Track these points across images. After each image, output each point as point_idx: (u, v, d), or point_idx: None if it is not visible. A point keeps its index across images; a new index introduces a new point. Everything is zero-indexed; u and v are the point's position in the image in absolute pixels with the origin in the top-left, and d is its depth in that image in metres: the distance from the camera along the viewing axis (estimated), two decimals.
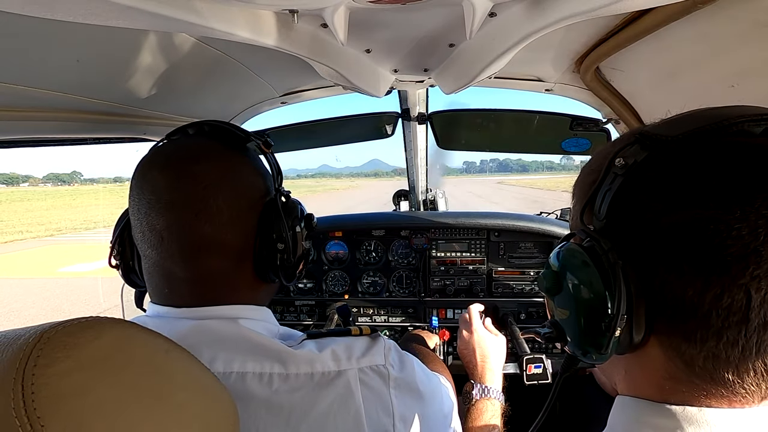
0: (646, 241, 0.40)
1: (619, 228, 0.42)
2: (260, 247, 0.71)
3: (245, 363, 0.64)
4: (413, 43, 1.03)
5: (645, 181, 0.41)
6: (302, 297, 1.98)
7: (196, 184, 0.66)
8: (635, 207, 0.41)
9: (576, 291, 0.45)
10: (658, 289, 0.39)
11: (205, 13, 0.63)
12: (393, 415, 0.68)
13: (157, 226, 0.66)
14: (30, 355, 0.36)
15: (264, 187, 0.74)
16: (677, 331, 0.39)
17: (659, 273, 0.39)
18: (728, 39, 0.76)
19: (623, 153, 0.43)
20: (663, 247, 0.39)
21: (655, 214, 0.39)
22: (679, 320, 0.39)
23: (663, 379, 0.42)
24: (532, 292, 1.87)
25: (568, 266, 0.46)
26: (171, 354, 0.47)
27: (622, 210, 0.42)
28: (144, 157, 0.71)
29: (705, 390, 0.40)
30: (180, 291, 0.69)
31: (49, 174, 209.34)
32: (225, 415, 0.49)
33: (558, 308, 0.49)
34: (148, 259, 0.70)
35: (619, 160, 0.43)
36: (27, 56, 0.75)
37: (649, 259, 0.40)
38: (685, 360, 0.40)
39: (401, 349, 0.76)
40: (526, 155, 25.47)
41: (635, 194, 0.41)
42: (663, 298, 0.39)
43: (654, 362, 0.42)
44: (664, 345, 0.41)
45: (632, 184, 0.42)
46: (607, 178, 0.43)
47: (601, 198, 0.43)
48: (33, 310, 7.52)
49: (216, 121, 0.76)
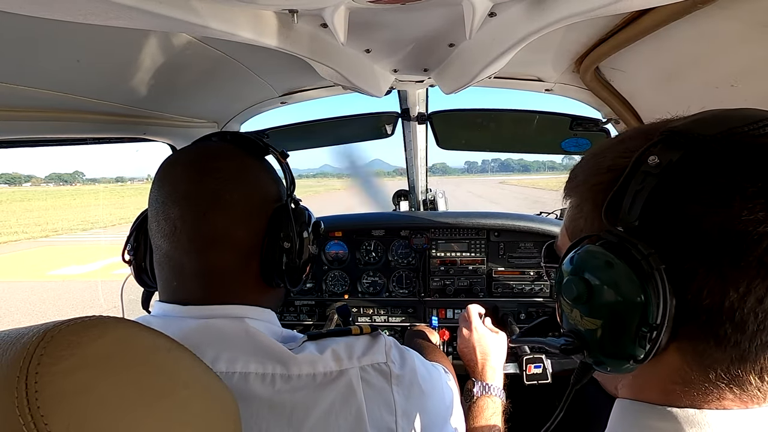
0: (686, 244, 0.38)
1: (653, 230, 0.40)
2: (268, 247, 0.72)
3: (248, 363, 0.64)
4: (413, 43, 1.03)
5: (683, 180, 0.39)
6: (302, 297, 1.98)
7: (212, 179, 0.69)
8: (673, 208, 0.39)
9: (611, 300, 0.41)
10: (695, 293, 0.38)
11: (205, 13, 0.63)
12: (395, 412, 0.68)
13: (172, 215, 0.68)
14: (34, 353, 0.36)
15: (277, 192, 0.77)
16: (707, 336, 0.38)
17: (698, 277, 0.37)
18: (728, 39, 0.76)
19: (657, 151, 0.40)
20: (705, 249, 0.37)
21: (696, 215, 0.38)
22: (713, 325, 0.37)
23: (672, 384, 0.42)
24: (532, 292, 1.87)
25: (600, 272, 0.42)
26: (173, 353, 0.47)
27: (657, 211, 0.40)
28: (168, 156, 0.75)
29: (718, 393, 0.40)
30: (188, 285, 0.70)
31: (51, 174, 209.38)
32: (227, 414, 0.50)
33: (586, 318, 0.44)
34: (160, 250, 0.71)
35: (653, 158, 0.40)
36: (27, 57, 0.75)
37: (689, 262, 0.38)
38: (706, 364, 0.39)
39: (402, 344, 0.77)
40: (527, 155, 25.48)
41: (673, 194, 0.39)
42: (699, 302, 0.38)
43: (667, 367, 0.41)
44: (684, 350, 0.40)
45: (669, 183, 0.39)
46: (636, 178, 0.41)
47: (631, 198, 0.40)
48: (16, 315, 7.36)
49: (239, 132, 0.79)
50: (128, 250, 0.82)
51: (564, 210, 1.80)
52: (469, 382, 1.18)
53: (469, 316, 1.34)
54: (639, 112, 1.23)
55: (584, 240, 0.45)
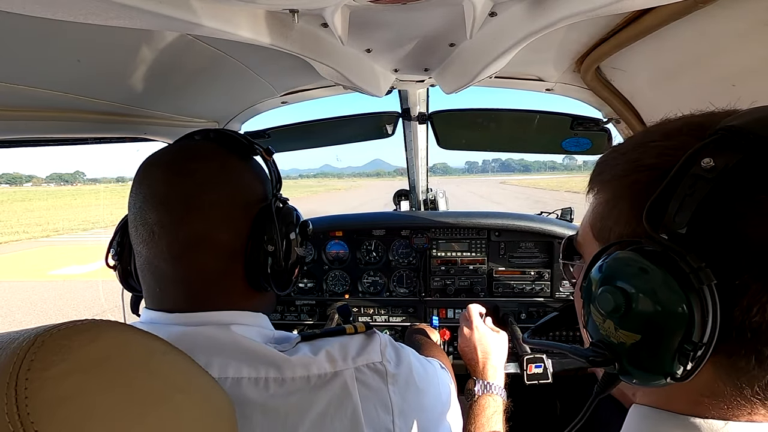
0: (740, 257, 0.35)
1: (703, 240, 0.37)
2: (252, 250, 0.69)
3: (240, 368, 0.63)
4: (413, 43, 1.03)
5: (741, 188, 0.36)
6: (303, 297, 1.98)
7: (190, 181, 0.66)
8: (728, 217, 0.36)
9: (653, 314, 0.38)
10: (744, 309, 0.35)
11: (206, 13, 0.63)
12: (392, 411, 0.68)
13: (149, 220, 0.66)
14: (24, 358, 0.35)
15: (261, 192, 0.74)
16: (749, 354, 0.36)
17: (750, 292, 0.35)
18: (729, 38, 0.76)
19: (711, 152, 0.37)
20: (759, 263, 0.35)
21: (755, 227, 0.35)
22: (758, 343, 0.35)
23: (701, 396, 0.40)
24: (532, 292, 1.87)
25: (641, 284, 0.39)
26: (168, 356, 0.46)
27: (709, 220, 0.36)
28: (147, 157, 0.72)
29: (750, 408, 0.38)
30: (171, 292, 0.68)
31: (52, 174, 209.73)
32: (223, 419, 0.49)
33: (621, 330, 0.41)
34: (140, 256, 0.69)
35: (708, 160, 0.36)
36: (28, 56, 0.75)
37: (741, 276, 0.35)
38: (742, 381, 0.37)
39: (403, 342, 0.76)
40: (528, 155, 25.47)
41: (729, 203, 0.36)
42: (747, 319, 0.35)
43: (698, 381, 0.39)
44: (719, 365, 0.38)
45: (724, 190, 0.36)
46: (685, 180, 0.37)
47: (678, 203, 0.37)
48: (18, 315, 7.38)
49: (223, 129, 0.77)
50: (112, 254, 0.79)
51: (564, 210, 1.80)
52: (470, 381, 1.18)
53: (470, 315, 1.34)
54: (640, 111, 1.23)
55: (618, 245, 0.42)
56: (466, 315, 1.36)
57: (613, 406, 1.22)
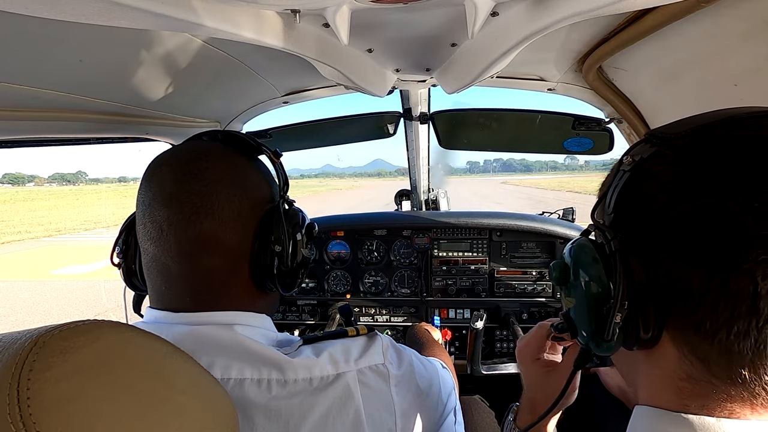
0: (654, 232, 0.41)
1: (626, 221, 0.44)
2: (258, 250, 0.70)
3: (243, 369, 0.63)
4: (415, 43, 1.03)
5: (652, 175, 0.43)
6: (304, 296, 1.98)
7: (200, 180, 0.67)
8: (642, 200, 0.43)
9: (580, 279, 0.48)
10: (665, 278, 0.40)
11: (208, 14, 0.63)
12: (395, 413, 0.68)
13: (158, 217, 0.66)
14: (26, 359, 0.35)
15: (269, 193, 0.75)
16: (688, 323, 0.39)
17: (666, 262, 0.40)
18: (732, 38, 0.76)
19: (633, 152, 0.45)
20: (670, 236, 0.40)
21: (663, 205, 0.41)
22: (688, 310, 0.39)
23: (680, 380, 0.42)
24: (534, 292, 1.86)
25: (574, 257, 0.50)
26: (170, 357, 0.46)
27: (628, 204, 0.44)
28: (156, 156, 0.72)
29: (725, 392, 0.39)
30: (177, 290, 0.68)
31: (54, 174, 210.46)
32: (225, 419, 0.49)
33: (566, 298, 0.52)
34: (147, 253, 0.69)
35: (627, 157, 0.45)
36: (31, 56, 0.76)
37: (656, 248, 0.41)
38: (700, 356, 0.40)
39: (405, 340, 0.76)
40: (529, 155, 25.41)
41: (642, 188, 0.43)
42: (671, 288, 0.40)
43: (670, 362, 0.43)
44: (677, 341, 0.41)
45: (639, 179, 0.44)
46: (617, 176, 0.46)
47: (611, 194, 0.46)
48: (20, 314, 7.41)
49: (231, 131, 0.77)
50: (117, 252, 0.79)
51: (566, 210, 1.81)
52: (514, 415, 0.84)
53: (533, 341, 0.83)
54: (642, 111, 1.23)
55: (584, 234, 0.51)
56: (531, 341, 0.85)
57: (614, 407, 1.23)
